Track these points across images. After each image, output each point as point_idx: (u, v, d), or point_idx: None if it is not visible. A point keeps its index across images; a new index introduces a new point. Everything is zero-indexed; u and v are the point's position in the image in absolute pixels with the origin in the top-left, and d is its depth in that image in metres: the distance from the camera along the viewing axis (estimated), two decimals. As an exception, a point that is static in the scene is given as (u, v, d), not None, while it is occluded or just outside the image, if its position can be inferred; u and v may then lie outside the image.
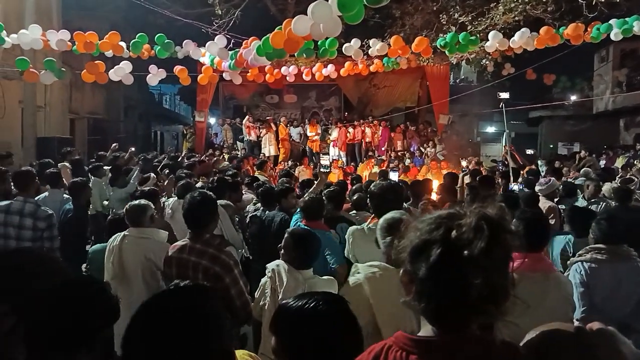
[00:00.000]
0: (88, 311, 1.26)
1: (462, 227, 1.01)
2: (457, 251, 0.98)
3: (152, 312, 1.10)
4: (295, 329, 1.31)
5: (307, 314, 1.31)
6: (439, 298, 1.01)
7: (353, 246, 2.94)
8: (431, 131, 15.17)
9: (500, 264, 1.01)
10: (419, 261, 1.03)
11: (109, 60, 8.94)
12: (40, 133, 10.78)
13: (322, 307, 1.32)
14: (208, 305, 1.12)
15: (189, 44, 8.86)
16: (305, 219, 3.69)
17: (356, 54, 8.86)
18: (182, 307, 1.10)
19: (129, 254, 3.24)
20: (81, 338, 1.25)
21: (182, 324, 1.06)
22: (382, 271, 2.15)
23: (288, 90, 16.98)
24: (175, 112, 30.80)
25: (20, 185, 4.11)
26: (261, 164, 9.72)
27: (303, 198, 3.84)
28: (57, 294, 1.26)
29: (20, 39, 7.64)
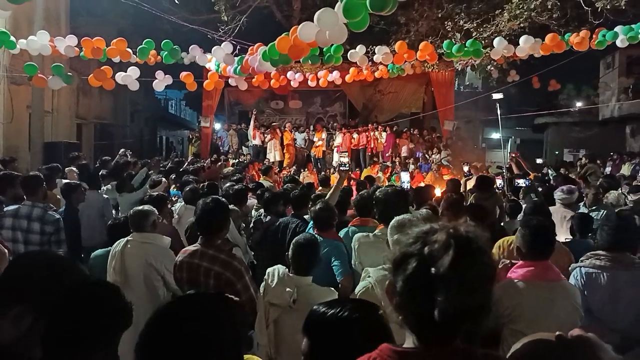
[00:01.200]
0: (104, 313, 1.28)
1: (434, 244, 1.01)
2: (427, 267, 0.99)
3: (172, 319, 1.09)
4: (326, 333, 1.31)
5: (339, 320, 1.31)
6: (414, 312, 1.02)
7: (359, 253, 2.93)
8: (436, 137, 15.17)
9: (474, 282, 0.99)
10: (398, 274, 1.04)
11: (116, 65, 9.02)
12: (48, 138, 10.86)
13: (355, 314, 1.32)
14: (229, 314, 1.13)
15: (195, 50, 8.93)
16: (317, 228, 3.63)
17: (361, 60, 8.89)
18: (202, 315, 1.09)
19: (131, 259, 3.25)
20: (97, 339, 1.27)
21: (202, 333, 1.06)
22: (391, 273, 2.15)
23: (293, 95, 17.06)
24: (181, 117, 30.97)
25: (28, 190, 4.13)
26: (266, 169, 9.74)
27: (314, 206, 3.79)
28: (75, 295, 1.27)
29: (29, 45, 7.72)
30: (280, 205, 4.84)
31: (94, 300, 1.28)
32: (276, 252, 3.93)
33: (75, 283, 1.32)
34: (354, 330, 1.30)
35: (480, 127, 20.33)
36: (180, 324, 1.07)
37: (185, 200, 5.14)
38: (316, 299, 2.73)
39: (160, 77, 9.07)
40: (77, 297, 1.27)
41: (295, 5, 15.20)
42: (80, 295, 1.28)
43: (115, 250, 3.31)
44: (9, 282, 1.38)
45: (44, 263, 1.47)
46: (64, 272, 1.42)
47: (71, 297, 1.26)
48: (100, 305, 1.28)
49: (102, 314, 1.27)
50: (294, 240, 2.84)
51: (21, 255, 1.52)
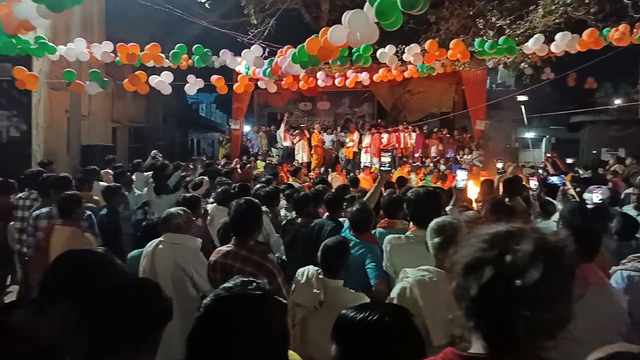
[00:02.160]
0: (147, 310, 1.30)
1: (517, 252, 0.94)
2: (509, 278, 0.93)
3: (224, 315, 1.09)
4: (356, 339, 1.28)
5: (369, 325, 1.28)
6: (489, 321, 0.97)
7: (391, 255, 2.89)
8: (468, 137, 14.89)
9: (557, 297, 0.94)
10: (470, 279, 0.99)
11: (149, 69, 9.25)
12: (85, 141, 11.23)
13: (385, 319, 1.29)
14: (275, 312, 1.13)
15: (226, 54, 9.06)
16: (353, 230, 3.60)
17: (391, 60, 8.82)
18: (252, 313, 1.10)
19: (160, 259, 3.29)
20: (140, 336, 1.29)
21: (253, 331, 1.06)
22: (432, 275, 2.11)
23: (321, 97, 17.09)
24: (212, 120, 31.47)
25: (58, 191, 4.26)
26: (295, 170, 9.78)
27: (350, 207, 3.76)
28: (119, 294, 1.30)
29: (67, 51, 8.00)
30: (310, 207, 4.83)
31: (136, 299, 1.30)
32: (309, 253, 3.92)
33: (119, 281, 1.34)
34: (384, 336, 1.27)
35: (513, 126, 19.82)
36: (230, 321, 1.07)
37: (217, 201, 5.21)
38: (344, 302, 2.71)
39: (192, 80, 9.25)
40: (121, 296, 1.29)
41: (324, 6, 15.22)
42: (124, 294, 1.30)
43: (147, 250, 3.36)
44: (54, 280, 1.42)
45: (85, 261, 1.51)
46: (105, 269, 1.46)
47: (115, 296, 1.29)
48: (142, 303, 1.30)
49: (143, 313, 1.29)
50: (324, 243, 2.84)
51: (63, 254, 1.57)
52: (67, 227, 3.86)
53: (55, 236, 3.80)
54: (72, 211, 3.96)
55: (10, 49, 7.20)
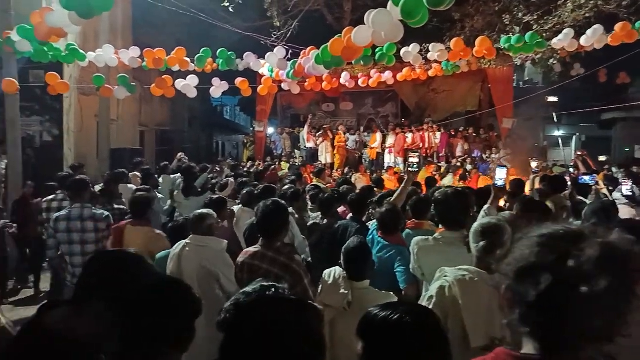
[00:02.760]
0: (180, 311, 1.31)
1: (581, 257, 0.89)
2: (573, 285, 0.87)
3: (259, 321, 1.08)
4: (379, 337, 1.27)
5: (393, 324, 1.27)
6: (545, 328, 0.93)
7: (418, 257, 2.84)
8: (495, 136, 14.60)
9: (622, 303, 0.89)
10: (526, 284, 0.94)
11: (175, 74, 9.40)
12: (114, 145, 11.50)
13: (410, 318, 1.27)
14: (313, 320, 1.11)
15: (250, 56, 9.14)
16: (381, 231, 3.56)
17: (415, 59, 8.72)
18: (290, 320, 1.07)
19: (187, 261, 3.32)
20: (173, 336, 1.30)
21: (290, 339, 1.04)
22: (473, 275, 2.07)
23: (344, 97, 17.06)
24: (236, 122, 31.82)
25: (76, 193, 4.36)
26: (319, 171, 9.78)
27: (379, 208, 3.73)
28: (155, 294, 1.30)
29: (97, 57, 8.21)
30: (336, 208, 4.81)
31: (170, 299, 1.31)
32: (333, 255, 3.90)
33: (154, 282, 1.35)
34: (408, 335, 1.25)
35: (542, 124, 19.34)
36: (266, 326, 1.05)
37: (242, 203, 5.24)
38: (372, 302, 2.67)
39: (217, 83, 9.36)
40: (158, 296, 1.30)
41: (346, 7, 15.20)
42: (160, 294, 1.31)
43: (174, 252, 3.39)
44: (88, 280, 1.45)
45: (119, 261, 1.53)
46: (138, 269, 1.48)
47: (150, 296, 1.30)
48: (175, 303, 1.31)
49: (177, 312, 1.30)
50: (345, 246, 2.82)
51: (97, 255, 1.60)
52: (141, 227, 4.07)
53: (130, 236, 4.00)
54: (144, 212, 4.20)
55: (43, 56, 7.43)
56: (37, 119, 10.39)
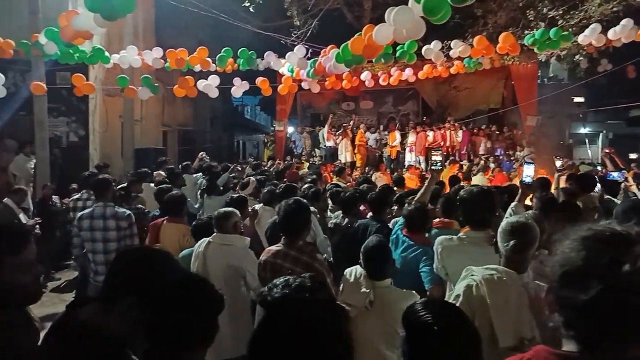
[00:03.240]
0: (205, 308, 1.32)
1: (637, 262, 0.85)
2: (629, 293, 0.84)
3: (289, 320, 1.06)
4: (420, 332, 1.31)
5: (433, 321, 1.30)
6: (592, 332, 0.90)
7: (442, 256, 2.80)
8: (519, 134, 14.32)
9: None
10: (573, 288, 0.91)
11: (196, 74, 9.51)
12: (138, 144, 11.70)
13: (449, 316, 1.32)
14: (341, 320, 1.09)
15: (270, 56, 9.17)
16: (407, 229, 3.51)
17: (437, 56, 8.61)
18: (319, 318, 1.06)
19: (212, 260, 3.33)
20: (198, 333, 1.31)
21: (320, 338, 1.03)
22: (501, 274, 2.03)
23: (364, 96, 16.99)
24: (256, 122, 32.04)
25: (98, 192, 4.47)
26: (340, 170, 9.75)
27: (406, 206, 3.69)
28: (179, 291, 1.31)
29: (121, 59, 8.36)
30: (357, 207, 4.78)
31: (197, 297, 1.32)
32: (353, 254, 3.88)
33: (180, 279, 1.36)
34: (448, 332, 1.28)
35: (567, 121, 18.92)
36: (299, 323, 1.04)
37: (263, 202, 5.26)
38: (394, 301, 2.67)
39: (238, 83, 9.42)
40: (183, 294, 1.31)
41: (366, 5, 15.12)
42: (186, 291, 1.32)
43: (198, 251, 3.41)
44: (115, 278, 1.47)
45: (145, 258, 1.55)
46: (164, 266, 1.49)
47: (177, 293, 1.31)
48: (202, 302, 1.33)
49: (204, 311, 1.31)
50: (364, 245, 2.81)
51: (123, 252, 1.61)
52: (176, 224, 4.27)
53: (166, 233, 4.15)
54: (180, 209, 4.44)
55: (69, 58, 7.61)
56: (64, 119, 10.64)
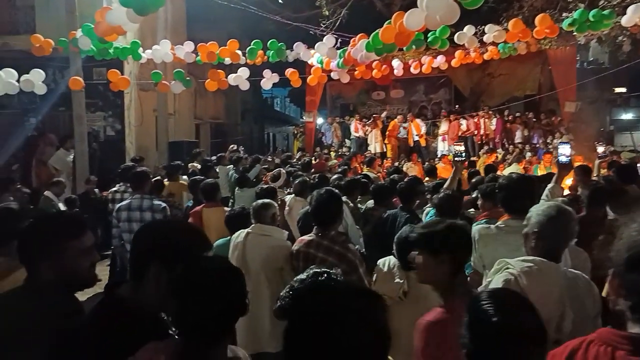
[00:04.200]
0: (236, 298, 1.33)
1: None
2: None
3: (318, 308, 1.05)
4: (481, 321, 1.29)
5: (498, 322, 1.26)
6: None
7: (479, 246, 2.73)
8: (557, 120, 13.81)
9: None
10: (637, 274, 0.91)
11: (227, 68, 9.60)
12: (171, 137, 11.96)
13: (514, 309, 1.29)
14: (375, 309, 1.07)
15: (299, 47, 9.16)
16: None
17: (470, 42, 8.38)
18: (350, 307, 1.04)
19: (251, 250, 3.36)
20: (227, 323, 1.32)
21: (352, 327, 1.01)
22: (539, 266, 1.95)
23: (395, 85, 16.76)
24: (286, 113, 32.18)
25: (136, 184, 4.60)
26: (370, 161, 9.69)
27: (437, 194, 3.64)
28: (215, 279, 1.32)
29: (154, 54, 8.53)
30: (389, 198, 4.74)
31: (229, 285, 1.32)
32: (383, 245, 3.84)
33: (213, 267, 1.37)
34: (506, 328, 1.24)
35: (608, 107, 18.11)
36: (328, 314, 1.02)
37: (294, 192, 5.28)
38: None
39: (268, 75, 9.46)
40: (217, 282, 1.31)
41: (396, -8, 14.85)
42: (221, 280, 1.32)
43: (237, 241, 3.44)
44: (143, 244, 1.49)
45: (171, 228, 1.58)
46: (190, 236, 1.52)
47: (210, 280, 1.31)
48: (234, 290, 1.32)
49: (234, 300, 1.32)
50: (397, 235, 2.76)
51: (150, 222, 1.65)
52: (215, 208, 4.60)
53: (208, 217, 4.41)
54: (214, 194, 4.83)
55: (104, 54, 7.81)
56: (101, 114, 10.97)
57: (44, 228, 1.69)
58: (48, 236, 1.63)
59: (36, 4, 10.35)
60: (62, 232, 1.64)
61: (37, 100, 10.28)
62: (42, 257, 1.60)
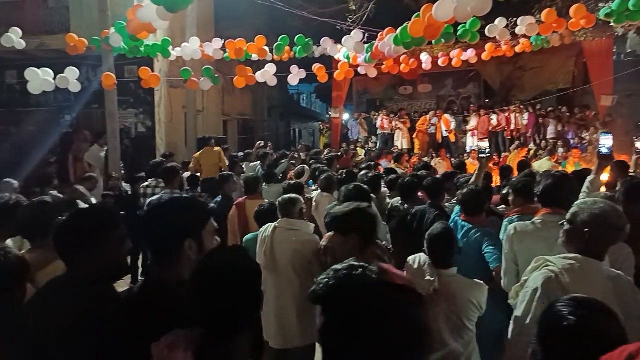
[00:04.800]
0: (253, 295, 1.34)
1: None
2: None
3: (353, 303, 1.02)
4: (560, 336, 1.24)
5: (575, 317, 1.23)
6: None
7: (515, 242, 2.65)
8: (592, 115, 13.33)
9: None
10: None
11: (254, 64, 9.65)
12: (200, 134, 12.13)
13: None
14: (412, 305, 1.05)
15: (326, 42, 9.12)
16: (464, 214, 3.42)
17: (501, 34, 8.15)
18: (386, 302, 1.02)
19: (279, 244, 3.36)
20: (243, 320, 1.33)
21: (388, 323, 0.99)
22: (581, 264, 1.90)
23: (422, 80, 16.51)
24: (312, 110, 32.21)
25: (167, 179, 4.67)
26: (398, 156, 9.61)
27: (461, 190, 3.58)
28: (236, 274, 1.33)
29: (183, 51, 8.66)
30: (417, 193, 4.67)
31: (247, 282, 1.34)
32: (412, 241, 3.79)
33: (235, 262, 1.38)
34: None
35: (647, 101, 17.40)
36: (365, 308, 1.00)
37: (321, 188, 5.27)
38: (460, 290, 2.58)
39: (295, 71, 9.47)
40: (238, 277, 1.33)
41: (424, -15, 14.62)
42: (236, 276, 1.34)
43: (265, 235, 3.46)
44: (171, 222, 1.56)
45: (193, 203, 1.65)
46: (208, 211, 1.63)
47: (231, 276, 1.33)
48: (252, 287, 1.34)
49: (251, 296, 1.33)
50: (429, 232, 2.72)
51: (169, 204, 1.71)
52: (256, 200, 4.72)
53: (251, 208, 4.49)
54: (256, 187, 5.07)
55: (136, 52, 7.97)
56: (132, 111, 11.23)
57: (85, 220, 1.75)
58: (90, 228, 1.69)
59: (70, 4, 10.65)
60: (104, 223, 1.70)
61: (71, 98, 10.62)
62: (83, 248, 1.65)
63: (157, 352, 1.30)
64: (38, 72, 7.28)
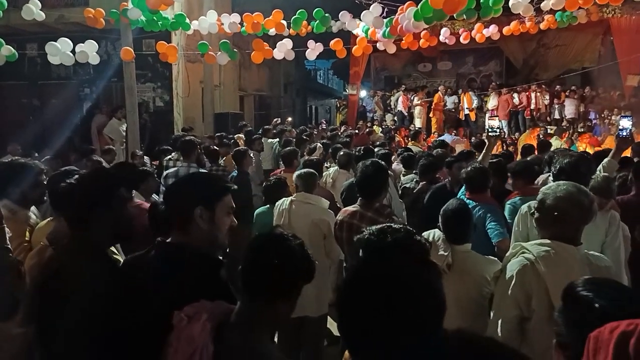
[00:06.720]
0: (297, 264, 1.44)
1: None
2: None
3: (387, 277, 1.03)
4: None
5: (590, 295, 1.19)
6: None
7: (529, 220, 2.65)
8: (617, 95, 12.94)
9: None
10: None
11: (271, 39, 9.56)
12: (217, 109, 12.15)
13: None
14: (433, 277, 1.06)
15: (345, 15, 8.99)
16: (469, 191, 3.44)
17: (526, 10, 7.92)
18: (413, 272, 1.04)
19: (296, 217, 3.43)
20: (286, 287, 1.40)
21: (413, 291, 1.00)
22: (556, 250, 1.89)
23: (442, 57, 16.20)
24: (329, 86, 31.91)
25: (184, 152, 4.73)
26: (415, 134, 9.54)
27: (466, 168, 3.59)
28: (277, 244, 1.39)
29: (200, 24, 8.62)
30: (434, 172, 4.67)
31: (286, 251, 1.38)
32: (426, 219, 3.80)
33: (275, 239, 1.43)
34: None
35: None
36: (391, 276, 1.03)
37: (339, 165, 5.29)
38: (473, 266, 2.59)
39: (312, 46, 9.37)
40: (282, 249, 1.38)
41: (447, -42, 14.17)
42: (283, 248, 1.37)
43: (282, 208, 3.52)
44: (186, 190, 1.66)
45: (210, 176, 1.76)
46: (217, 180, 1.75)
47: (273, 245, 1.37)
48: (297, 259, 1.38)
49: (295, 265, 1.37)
50: (443, 208, 2.71)
51: (183, 177, 1.80)
52: (291, 173, 4.73)
53: (290, 182, 4.47)
54: (292, 161, 5.17)
55: (153, 26, 7.96)
56: (150, 85, 11.28)
57: (86, 181, 1.82)
58: (93, 187, 1.72)
59: (89, -23, 10.63)
60: (104, 182, 1.74)
61: (91, 72, 10.70)
62: (86, 208, 1.65)
63: (177, 320, 1.35)
64: (57, 45, 7.34)
